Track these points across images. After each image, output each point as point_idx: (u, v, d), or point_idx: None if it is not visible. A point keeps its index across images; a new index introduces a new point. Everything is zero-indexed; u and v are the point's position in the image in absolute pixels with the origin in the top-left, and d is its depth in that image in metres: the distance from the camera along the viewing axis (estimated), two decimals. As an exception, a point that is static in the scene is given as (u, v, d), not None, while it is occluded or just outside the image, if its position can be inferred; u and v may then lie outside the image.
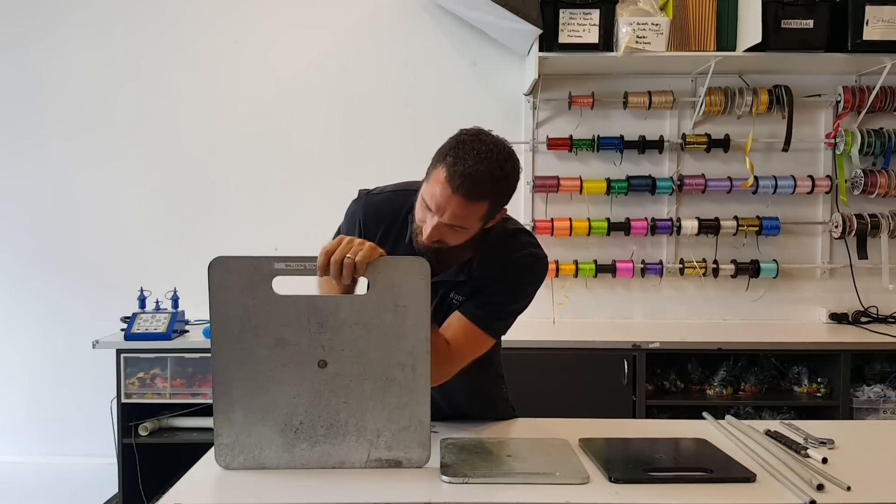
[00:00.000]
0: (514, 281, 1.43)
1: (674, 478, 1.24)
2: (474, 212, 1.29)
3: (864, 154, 3.06)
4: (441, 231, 1.31)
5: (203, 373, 2.77)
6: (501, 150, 1.29)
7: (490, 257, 1.42)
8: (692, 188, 3.09)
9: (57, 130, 3.25)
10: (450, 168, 1.25)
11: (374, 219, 1.47)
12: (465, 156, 1.25)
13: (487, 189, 1.26)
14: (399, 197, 1.47)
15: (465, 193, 1.25)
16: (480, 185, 1.25)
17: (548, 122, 3.18)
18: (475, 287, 1.42)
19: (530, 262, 1.44)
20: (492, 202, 1.30)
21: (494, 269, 1.41)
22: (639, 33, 2.76)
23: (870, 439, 1.53)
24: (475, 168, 1.24)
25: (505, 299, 1.43)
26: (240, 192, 3.24)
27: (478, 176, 1.24)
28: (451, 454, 1.33)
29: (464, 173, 1.24)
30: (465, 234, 1.33)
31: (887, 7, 2.71)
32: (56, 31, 3.23)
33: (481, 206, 1.28)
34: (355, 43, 3.21)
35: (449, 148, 1.28)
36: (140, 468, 2.79)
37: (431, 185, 1.29)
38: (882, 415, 2.76)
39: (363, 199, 1.51)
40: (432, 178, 1.29)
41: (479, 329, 1.40)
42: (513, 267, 1.42)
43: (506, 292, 1.43)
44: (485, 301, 1.41)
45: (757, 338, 2.83)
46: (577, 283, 3.18)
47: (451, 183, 1.25)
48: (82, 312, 3.23)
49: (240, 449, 1.25)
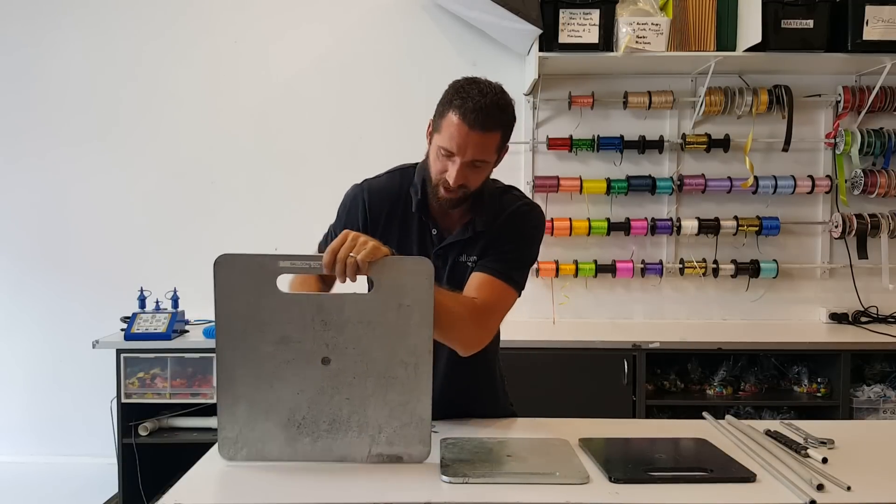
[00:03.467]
0: (518, 229, 1.51)
1: (674, 478, 1.24)
2: (491, 143, 1.39)
3: (864, 154, 3.06)
4: (464, 173, 1.39)
5: (203, 373, 2.77)
6: (496, 85, 1.40)
7: (489, 214, 1.50)
8: (692, 188, 3.09)
9: (57, 130, 3.25)
10: (460, 109, 1.35)
11: (378, 200, 1.52)
12: (469, 94, 1.35)
13: (498, 118, 1.37)
14: (397, 175, 1.56)
15: (482, 126, 1.35)
16: (492, 115, 1.36)
17: (548, 122, 3.18)
18: (484, 245, 1.49)
19: (526, 210, 1.54)
20: (503, 132, 1.41)
21: (497, 221, 1.49)
22: (639, 33, 2.76)
23: (870, 439, 1.53)
24: (482, 101, 1.34)
25: (515, 247, 1.50)
26: (240, 191, 3.24)
27: (488, 108, 1.35)
28: (451, 454, 1.33)
29: (475, 108, 1.34)
30: (485, 171, 1.43)
31: (887, 7, 2.72)
32: (56, 30, 3.23)
33: (496, 136, 1.39)
34: (355, 43, 3.21)
35: (452, 94, 1.38)
36: (140, 468, 2.79)
37: (446, 131, 1.37)
38: (882, 415, 2.76)
39: (364, 183, 1.56)
40: (444, 125, 1.38)
41: (502, 282, 1.45)
42: (514, 216, 1.51)
43: (514, 240, 1.50)
44: (498, 255, 1.47)
45: (757, 338, 2.83)
46: (577, 283, 3.18)
47: (466, 120, 1.34)
48: (82, 312, 3.23)
49: (243, 442, 1.25)
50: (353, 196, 1.55)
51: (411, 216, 1.51)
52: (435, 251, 1.50)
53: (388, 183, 1.55)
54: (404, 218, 1.51)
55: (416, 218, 1.51)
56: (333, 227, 1.59)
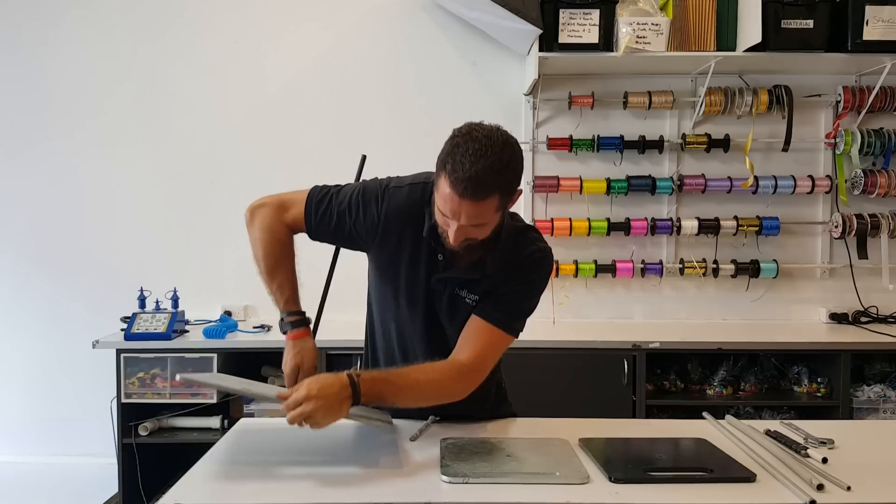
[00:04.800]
0: (527, 277, 1.47)
1: (674, 478, 1.24)
2: (487, 208, 1.30)
3: (864, 154, 3.06)
4: (464, 232, 1.33)
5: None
6: (496, 141, 1.28)
7: (502, 255, 1.45)
8: (692, 188, 3.09)
9: (57, 131, 3.25)
10: (451, 176, 1.26)
11: (395, 215, 1.47)
12: (462, 159, 1.25)
13: (492, 184, 1.27)
14: (419, 190, 1.48)
15: (472, 195, 1.26)
16: (483, 183, 1.26)
17: (548, 122, 3.18)
18: (488, 288, 1.45)
19: (539, 258, 1.48)
20: (501, 193, 1.31)
21: (507, 267, 1.45)
22: (639, 33, 2.76)
23: (870, 439, 1.53)
24: (473, 169, 1.25)
25: (520, 297, 1.47)
26: (240, 192, 3.22)
27: (479, 176, 1.25)
28: (451, 454, 1.33)
29: (465, 178, 1.25)
30: (489, 226, 1.36)
31: (887, 7, 2.71)
32: (56, 30, 3.23)
33: (492, 202, 1.30)
34: (355, 43, 3.21)
35: (446, 154, 1.29)
36: (140, 468, 2.79)
37: (441, 195, 1.31)
38: (882, 415, 2.76)
39: (386, 190, 1.49)
40: (439, 187, 1.31)
41: (503, 332, 1.44)
42: (524, 263, 1.47)
43: (519, 290, 1.47)
44: (501, 301, 1.45)
45: (757, 338, 2.83)
46: (577, 283, 3.18)
47: (456, 189, 1.26)
48: (82, 312, 3.23)
49: None
50: (371, 200, 1.48)
51: (423, 236, 1.45)
52: (438, 277, 1.47)
53: (408, 198, 1.47)
54: (418, 236, 1.46)
55: (427, 239, 1.45)
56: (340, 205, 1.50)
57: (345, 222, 1.49)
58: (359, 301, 1.70)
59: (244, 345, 2.79)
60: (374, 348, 1.67)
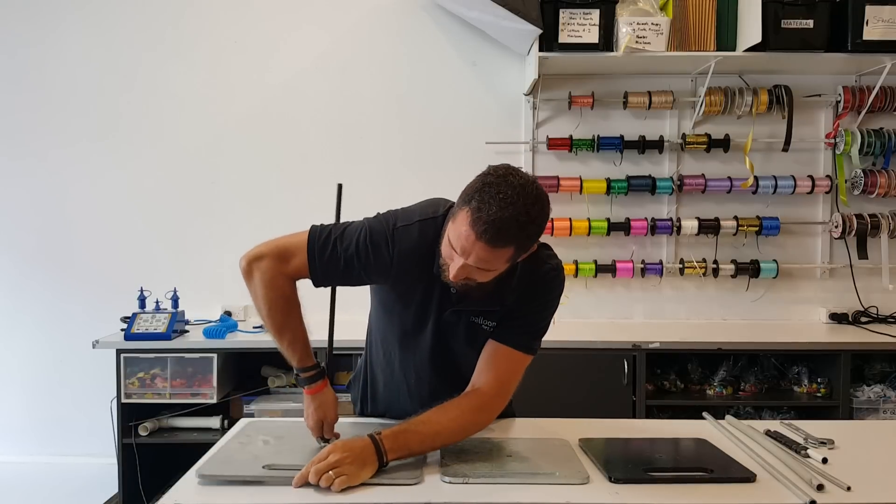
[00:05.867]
0: (542, 298, 1.45)
1: (674, 478, 1.24)
2: (499, 256, 1.26)
3: (864, 154, 3.06)
4: (467, 270, 1.28)
5: (203, 373, 2.76)
6: (529, 193, 1.23)
7: (518, 278, 1.41)
8: (692, 188, 3.09)
9: (57, 131, 3.25)
10: (474, 213, 1.21)
11: (405, 258, 1.40)
12: (490, 200, 1.21)
13: (512, 235, 1.23)
14: (427, 227, 1.41)
15: (489, 240, 1.22)
16: (505, 231, 1.21)
17: (548, 122, 3.18)
18: (505, 314, 1.43)
19: (553, 276, 1.45)
20: (517, 246, 1.27)
21: (524, 290, 1.42)
22: (639, 33, 2.76)
23: (870, 439, 1.53)
24: (500, 215, 1.20)
25: (538, 318, 1.46)
26: (240, 192, 3.24)
27: (502, 223, 1.20)
28: (452, 454, 1.33)
29: (488, 220, 1.20)
30: (493, 274, 1.31)
31: (887, 7, 2.71)
32: (56, 30, 3.23)
33: (506, 252, 1.26)
34: (355, 43, 3.21)
35: (474, 191, 1.24)
36: (140, 468, 2.79)
37: (457, 227, 1.25)
38: (882, 415, 2.76)
39: (395, 233, 1.41)
40: (458, 219, 1.25)
41: (524, 354, 1.43)
42: (539, 285, 1.43)
43: (537, 311, 1.45)
44: (520, 324, 1.43)
45: (757, 338, 2.83)
46: (577, 283, 3.18)
47: (475, 229, 1.21)
48: (82, 312, 3.23)
49: None
50: (381, 244, 1.40)
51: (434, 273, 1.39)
52: (453, 310, 1.44)
53: (419, 238, 1.40)
54: (429, 274, 1.40)
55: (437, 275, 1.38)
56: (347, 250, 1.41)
57: (353, 268, 1.41)
58: (359, 301, 1.70)
59: (244, 345, 2.79)
60: (371, 368, 1.66)
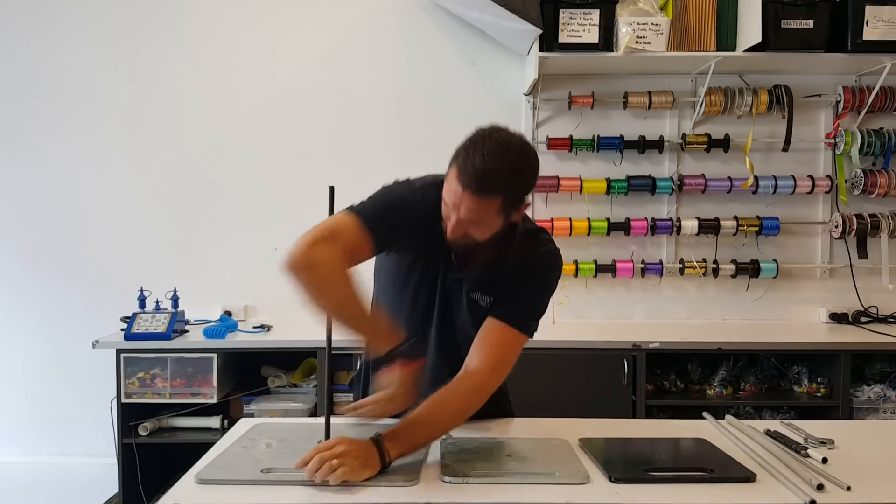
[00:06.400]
0: (539, 277, 1.48)
1: (674, 478, 1.24)
2: (487, 207, 1.30)
3: (864, 154, 3.06)
4: (462, 227, 1.33)
5: (203, 373, 2.76)
6: (514, 146, 1.31)
7: (515, 256, 1.45)
8: (692, 188, 3.09)
9: (57, 130, 3.25)
10: (460, 166, 1.28)
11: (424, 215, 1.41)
12: (475, 153, 1.27)
13: (498, 186, 1.28)
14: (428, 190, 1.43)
15: (475, 190, 1.27)
16: (489, 181, 1.27)
17: (548, 122, 3.18)
18: (501, 290, 1.45)
19: (550, 259, 1.50)
20: (505, 197, 1.31)
21: (520, 267, 1.45)
22: (639, 33, 2.76)
23: (870, 439, 1.53)
24: (483, 166, 1.26)
25: (534, 297, 1.48)
26: (240, 192, 3.24)
27: (486, 174, 1.26)
28: (451, 454, 1.33)
29: (472, 170, 1.26)
30: (489, 229, 1.35)
31: (887, 7, 2.71)
32: (56, 30, 3.23)
33: (494, 202, 1.29)
34: (355, 43, 3.21)
35: (462, 146, 1.31)
36: (140, 468, 2.79)
37: (448, 184, 1.32)
38: (882, 415, 2.76)
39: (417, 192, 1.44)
40: (449, 176, 1.32)
41: (516, 330, 1.43)
42: (535, 264, 1.47)
43: (531, 290, 1.47)
44: (517, 302, 1.45)
45: (757, 338, 2.83)
46: (577, 283, 3.18)
47: (461, 180, 1.28)
48: (82, 312, 3.23)
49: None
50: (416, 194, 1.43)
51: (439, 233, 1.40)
52: (452, 276, 1.48)
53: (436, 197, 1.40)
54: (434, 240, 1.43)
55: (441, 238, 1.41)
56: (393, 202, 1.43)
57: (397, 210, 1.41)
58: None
59: (244, 345, 2.78)
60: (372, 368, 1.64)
